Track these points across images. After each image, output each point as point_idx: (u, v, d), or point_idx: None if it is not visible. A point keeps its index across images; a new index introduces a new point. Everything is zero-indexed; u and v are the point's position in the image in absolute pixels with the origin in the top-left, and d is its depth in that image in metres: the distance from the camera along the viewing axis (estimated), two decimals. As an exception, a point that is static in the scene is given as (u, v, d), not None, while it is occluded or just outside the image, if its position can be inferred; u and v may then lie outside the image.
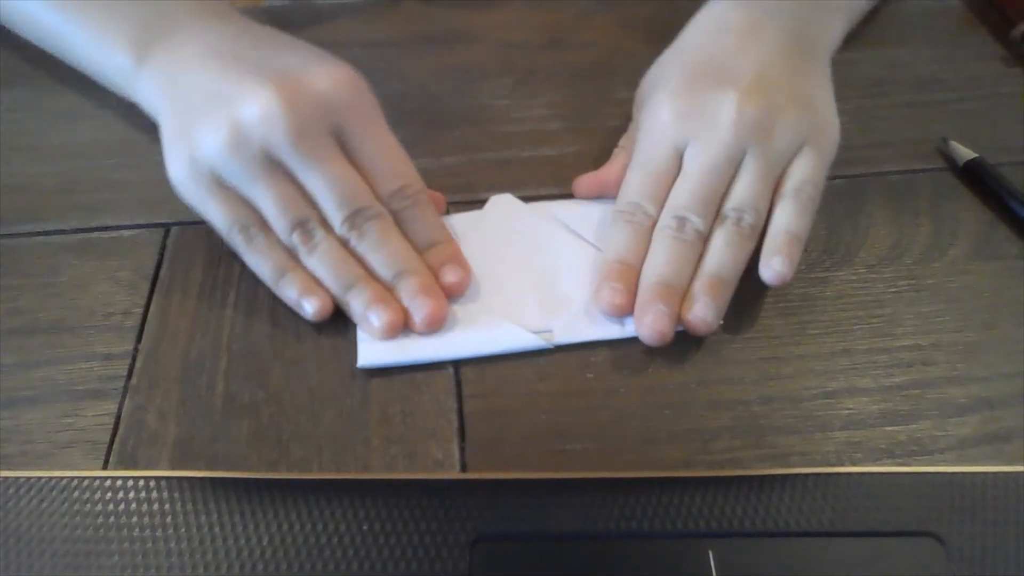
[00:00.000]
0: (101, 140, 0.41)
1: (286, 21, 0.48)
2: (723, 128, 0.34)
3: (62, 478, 0.29)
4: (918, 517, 0.29)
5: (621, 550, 0.28)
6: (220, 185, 0.33)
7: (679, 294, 0.33)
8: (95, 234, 0.37)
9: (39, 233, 0.37)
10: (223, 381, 0.32)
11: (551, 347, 0.33)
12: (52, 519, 0.28)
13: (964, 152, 0.40)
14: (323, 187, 0.32)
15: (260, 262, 0.33)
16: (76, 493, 0.29)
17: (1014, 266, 0.36)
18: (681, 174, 0.35)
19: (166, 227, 0.38)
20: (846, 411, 0.32)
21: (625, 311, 0.33)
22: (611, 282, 0.33)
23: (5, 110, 0.43)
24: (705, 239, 0.34)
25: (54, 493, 0.29)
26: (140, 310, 0.35)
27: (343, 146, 0.33)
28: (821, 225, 0.38)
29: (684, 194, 0.34)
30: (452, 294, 0.34)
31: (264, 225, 0.33)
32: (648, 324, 0.32)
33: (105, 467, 0.30)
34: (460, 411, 0.32)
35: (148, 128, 0.40)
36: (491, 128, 0.42)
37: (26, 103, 0.43)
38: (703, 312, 0.32)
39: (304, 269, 0.33)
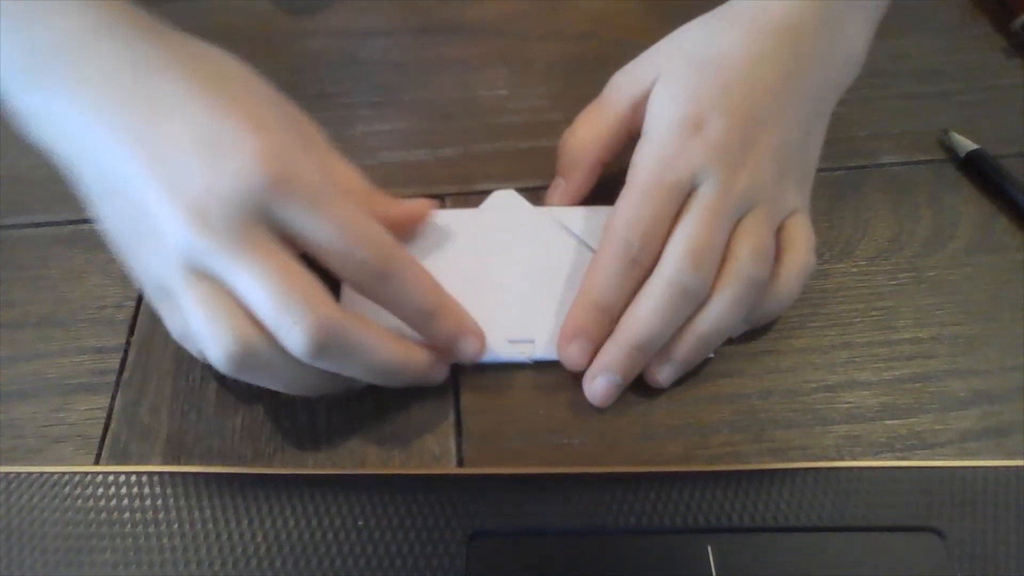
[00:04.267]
0: (92, 131, 0.41)
1: (284, 10, 0.47)
2: (740, 180, 0.32)
3: (53, 473, 0.29)
4: (918, 512, 0.28)
5: (619, 546, 0.28)
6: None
7: (651, 355, 0.31)
8: (86, 226, 0.37)
9: (29, 225, 0.37)
10: (216, 375, 0.32)
11: (530, 362, 0.32)
12: (43, 515, 0.28)
13: (965, 143, 0.40)
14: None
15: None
16: (68, 488, 0.29)
17: (1015, 258, 0.36)
18: (691, 211, 0.31)
19: (159, 219, 0.37)
20: (846, 405, 0.31)
21: (584, 369, 0.31)
22: (583, 336, 0.31)
23: (-5, 100, 0.42)
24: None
25: (45, 488, 0.29)
26: (132, 303, 0.34)
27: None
28: (821, 218, 0.38)
29: (696, 239, 0.31)
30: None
31: None
32: (598, 392, 0.31)
33: (97, 462, 0.30)
34: (457, 406, 0.31)
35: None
36: (488, 119, 0.42)
37: (16, 93, 0.43)
38: (664, 378, 0.31)
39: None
